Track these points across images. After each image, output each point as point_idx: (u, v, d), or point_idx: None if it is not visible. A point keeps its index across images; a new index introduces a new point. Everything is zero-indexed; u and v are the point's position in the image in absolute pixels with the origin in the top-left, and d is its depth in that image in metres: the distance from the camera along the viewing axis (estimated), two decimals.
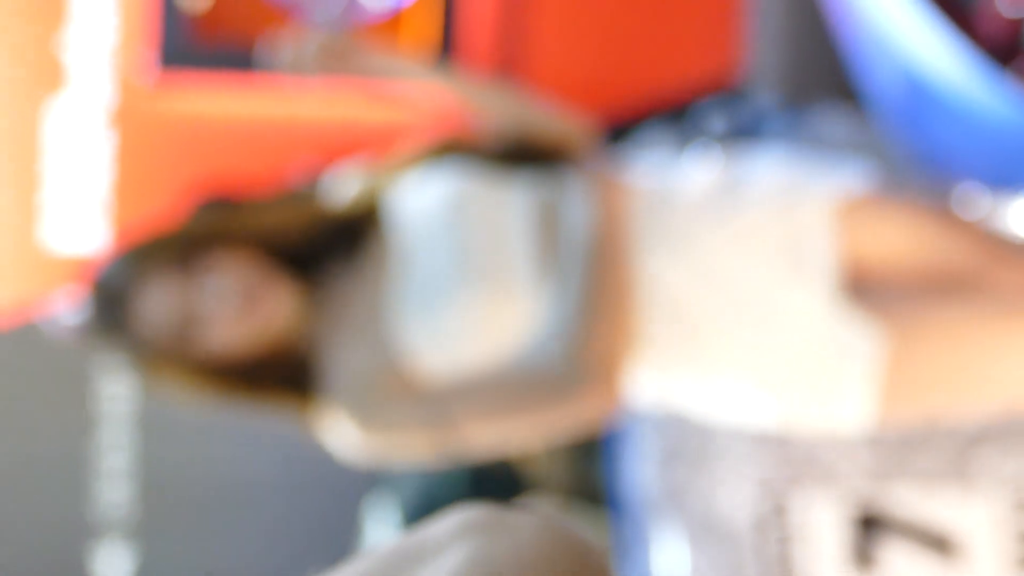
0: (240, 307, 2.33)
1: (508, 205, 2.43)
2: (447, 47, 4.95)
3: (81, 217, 4.15)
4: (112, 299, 2.35)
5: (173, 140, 4.53)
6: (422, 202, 2.42)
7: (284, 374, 2.43)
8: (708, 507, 2.82)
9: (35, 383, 4.67)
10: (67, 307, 5.06)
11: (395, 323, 2.35)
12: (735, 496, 2.81)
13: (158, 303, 2.32)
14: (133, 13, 4.40)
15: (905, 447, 2.79)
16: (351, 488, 4.18)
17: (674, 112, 4.98)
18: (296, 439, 2.63)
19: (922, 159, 2.64)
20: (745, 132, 3.14)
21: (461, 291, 2.35)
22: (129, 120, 4.46)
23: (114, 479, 4.77)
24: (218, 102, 4.41)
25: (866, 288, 2.46)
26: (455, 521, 0.62)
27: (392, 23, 4.96)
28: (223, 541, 4.69)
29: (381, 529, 3.72)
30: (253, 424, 4.09)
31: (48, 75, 4.24)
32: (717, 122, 3.12)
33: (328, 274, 2.47)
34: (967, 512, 2.77)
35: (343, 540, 4.15)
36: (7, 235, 4.17)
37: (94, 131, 4.29)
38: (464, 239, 2.39)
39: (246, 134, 4.58)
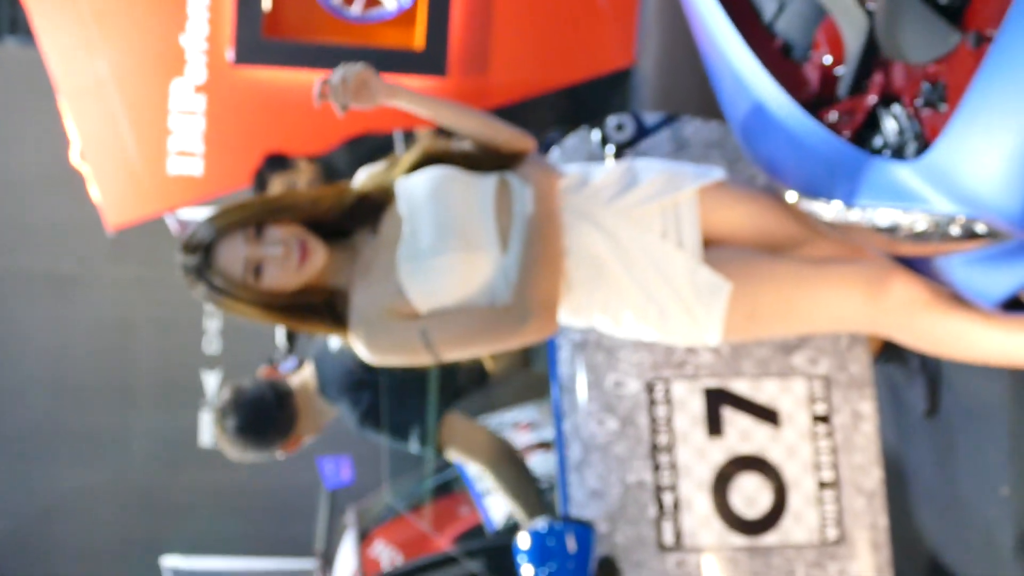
0: (288, 255, 2.76)
1: (476, 186, 2.88)
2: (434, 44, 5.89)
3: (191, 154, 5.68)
4: (200, 248, 2.78)
5: (246, 104, 5.93)
6: (417, 184, 2.88)
7: (321, 310, 2.87)
8: (608, 379, 3.68)
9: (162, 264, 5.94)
10: (177, 223, 6.49)
11: (400, 272, 2.78)
12: (627, 373, 3.68)
13: (232, 251, 2.77)
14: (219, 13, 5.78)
15: (739, 353, 3.69)
16: None
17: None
18: None
19: (759, 162, 2.99)
20: (636, 138, 3.73)
21: (443, 247, 2.77)
22: (217, 89, 5.87)
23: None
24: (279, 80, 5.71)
25: (715, 247, 2.92)
26: None
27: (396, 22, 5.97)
28: None
29: None
30: None
31: (172, 60, 5.66)
32: (618, 132, 3.73)
33: (356, 241, 2.92)
34: (784, 397, 3.68)
35: None
36: (149, 167, 5.67)
37: (197, 98, 5.73)
38: (445, 210, 2.82)
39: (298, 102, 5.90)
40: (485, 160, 2.98)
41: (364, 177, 3.00)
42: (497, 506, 4.82)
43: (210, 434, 8.39)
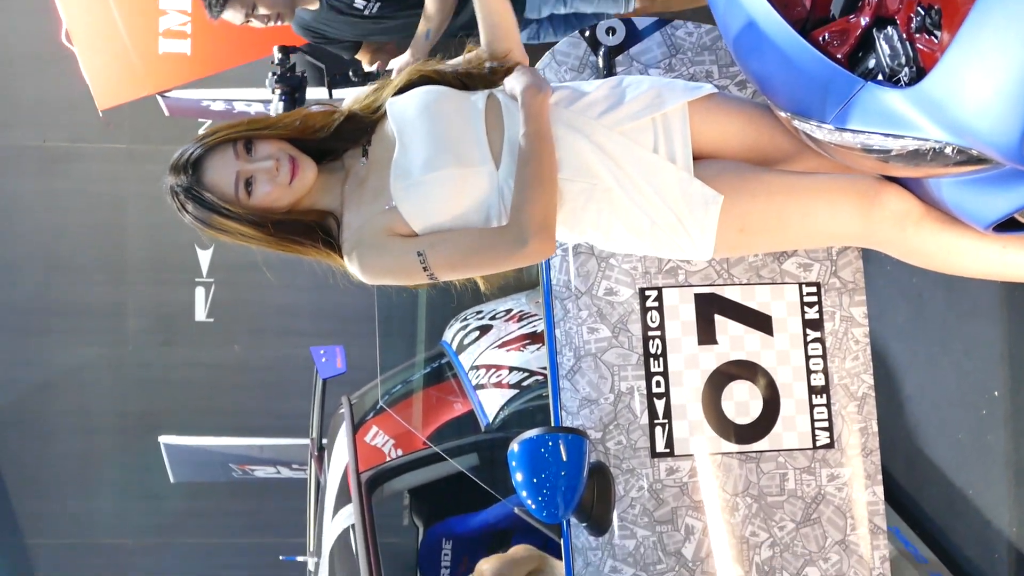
0: (279, 168, 2.74)
1: (467, 103, 2.87)
2: None
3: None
4: (189, 166, 2.75)
5: None
6: (407, 102, 2.86)
7: (313, 231, 2.85)
8: (600, 286, 3.65)
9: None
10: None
11: (392, 190, 2.76)
12: (619, 281, 3.64)
13: (222, 166, 2.74)
14: None
15: (731, 260, 3.64)
16: None
17: None
18: None
19: (751, 78, 2.95)
20: (628, 42, 3.61)
21: (436, 163, 2.75)
22: None
23: None
24: None
25: (706, 161, 2.94)
26: None
27: None
28: None
29: None
30: None
31: None
32: (609, 36, 3.62)
33: (346, 162, 2.91)
34: (776, 303, 3.65)
35: None
36: (139, 48, 5.61)
37: None
38: (436, 127, 2.79)
39: None
40: (475, 79, 2.96)
41: (351, 100, 2.96)
42: (489, 400, 4.84)
43: (204, 309, 8.43)
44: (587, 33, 3.65)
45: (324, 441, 5.60)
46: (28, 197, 8.36)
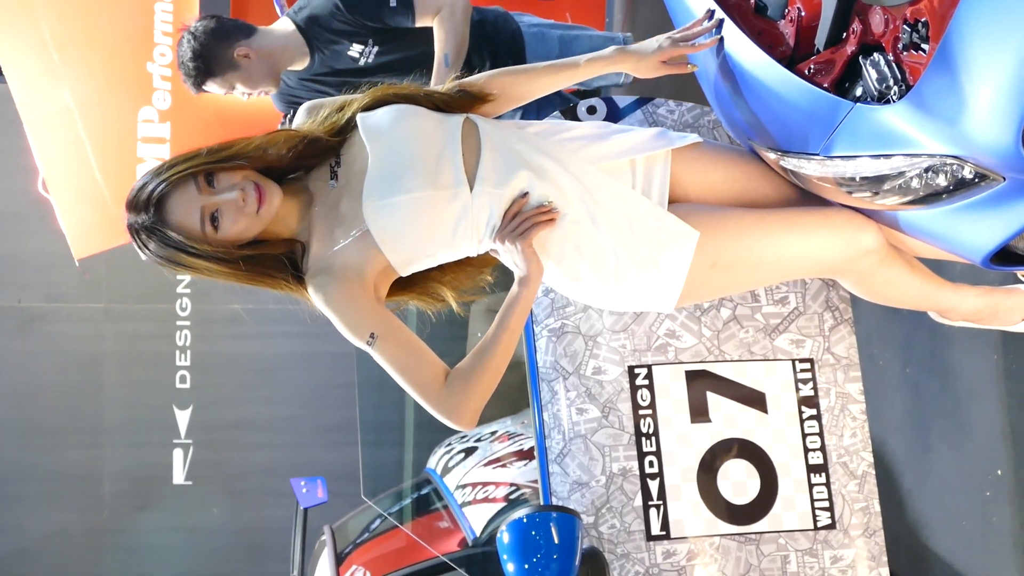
0: (245, 198, 2.62)
1: (443, 124, 2.79)
2: None
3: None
4: (151, 204, 2.63)
5: (212, 130, 5.84)
6: (381, 119, 2.76)
7: (282, 262, 2.75)
8: (588, 365, 3.55)
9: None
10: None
11: (364, 210, 2.66)
12: (607, 359, 3.55)
13: (186, 202, 2.62)
14: None
15: (721, 336, 3.58)
16: None
17: None
18: None
19: (735, 128, 2.92)
20: (609, 120, 3.57)
21: (410, 184, 2.67)
22: (182, 116, 5.78)
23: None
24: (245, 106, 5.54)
25: (686, 200, 2.92)
26: None
27: None
28: None
29: None
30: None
31: (139, 87, 5.60)
32: (590, 115, 3.59)
33: (311, 186, 2.81)
34: (769, 380, 3.57)
35: None
36: (116, 195, 5.63)
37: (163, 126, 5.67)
38: (411, 146, 2.71)
39: (265, 128, 5.82)
40: (452, 104, 2.89)
41: (310, 116, 2.88)
42: (476, 515, 4.68)
43: (183, 472, 8.28)
44: (567, 112, 3.63)
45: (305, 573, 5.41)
46: (3, 357, 8.26)
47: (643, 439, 3.52)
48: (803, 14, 2.81)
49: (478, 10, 4.38)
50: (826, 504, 3.55)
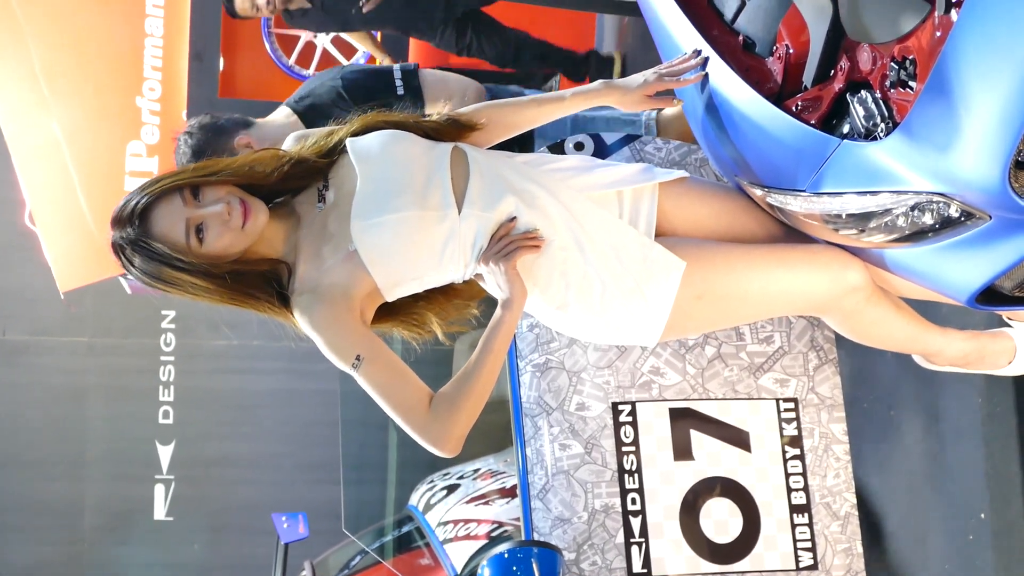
0: (230, 212, 2.62)
1: (432, 149, 2.80)
2: None
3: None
4: (135, 217, 2.62)
5: None
6: (370, 143, 2.78)
7: (267, 281, 2.74)
8: (572, 401, 3.55)
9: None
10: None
11: (352, 230, 2.66)
12: (591, 395, 3.55)
13: (170, 215, 2.62)
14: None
15: (705, 375, 3.58)
16: None
17: None
18: None
19: (723, 166, 2.95)
20: (596, 157, 3.38)
21: (398, 204, 2.67)
22: (171, 151, 5.80)
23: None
24: None
25: (672, 234, 2.92)
26: None
27: None
28: None
29: None
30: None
31: (127, 121, 5.59)
32: (578, 151, 3.58)
33: (298, 207, 2.81)
34: (753, 419, 3.57)
35: None
36: (103, 228, 5.68)
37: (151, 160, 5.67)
38: (400, 168, 2.73)
39: None
40: (441, 132, 2.90)
41: (298, 144, 2.88)
42: (458, 552, 4.66)
43: (164, 507, 8.24)
44: (554, 147, 3.63)
45: None
46: None
47: (626, 476, 3.51)
48: (791, 51, 2.81)
49: (491, 90, 4.37)
50: (808, 544, 3.53)
